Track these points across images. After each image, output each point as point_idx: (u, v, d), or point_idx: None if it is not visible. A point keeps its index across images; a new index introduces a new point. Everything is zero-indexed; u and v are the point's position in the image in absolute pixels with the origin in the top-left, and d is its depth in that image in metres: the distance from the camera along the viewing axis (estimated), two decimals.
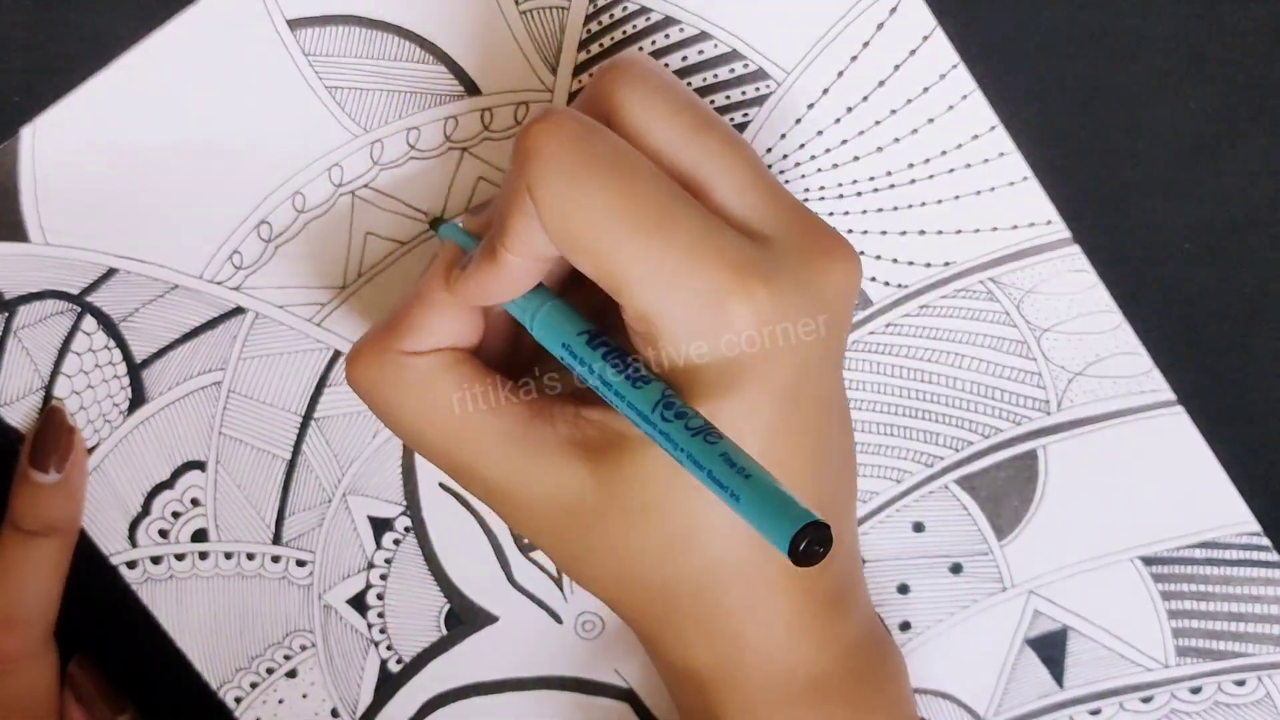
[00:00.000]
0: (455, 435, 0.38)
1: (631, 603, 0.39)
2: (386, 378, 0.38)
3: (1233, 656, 0.46)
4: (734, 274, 0.34)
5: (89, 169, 0.43)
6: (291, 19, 0.43)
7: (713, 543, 0.37)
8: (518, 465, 0.38)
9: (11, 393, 0.45)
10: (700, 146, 0.36)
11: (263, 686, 0.47)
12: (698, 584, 0.37)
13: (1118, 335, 0.44)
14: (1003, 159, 0.43)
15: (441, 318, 0.38)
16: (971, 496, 0.46)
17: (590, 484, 0.37)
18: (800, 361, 0.36)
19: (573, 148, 0.34)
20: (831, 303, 0.37)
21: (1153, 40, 0.44)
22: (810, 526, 0.30)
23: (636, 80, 0.36)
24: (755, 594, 0.38)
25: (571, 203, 0.34)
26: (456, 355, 0.39)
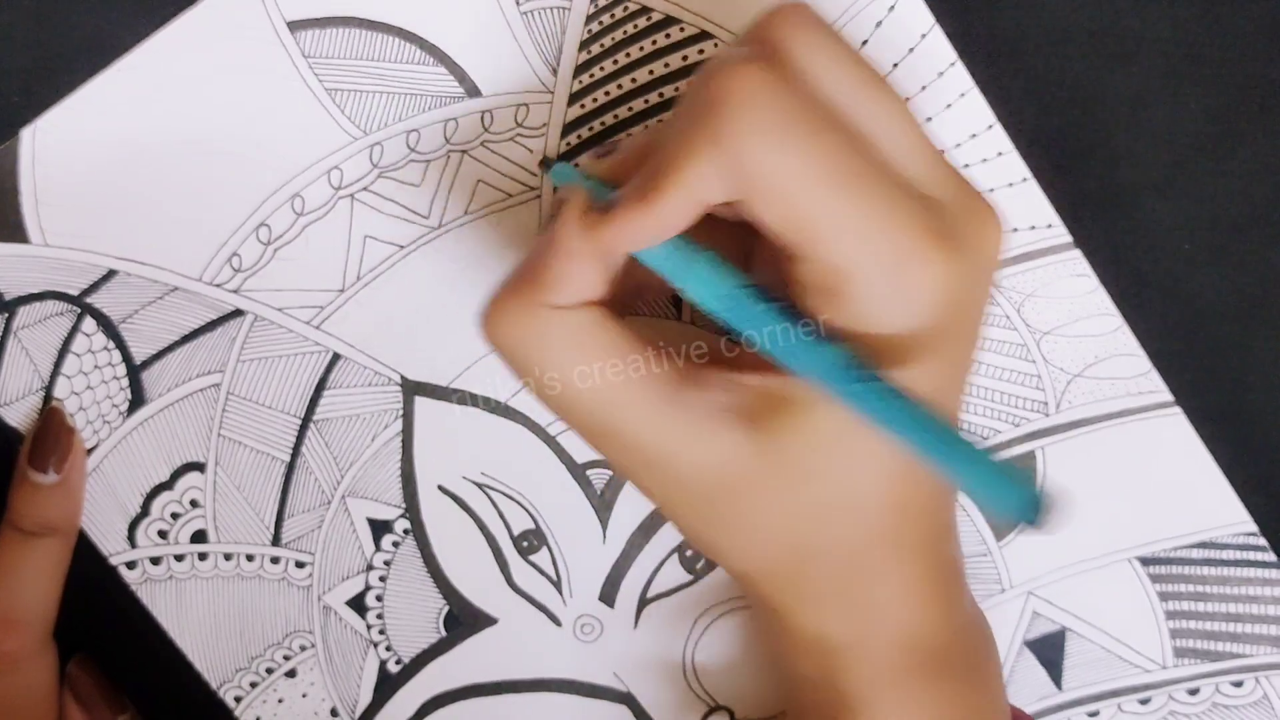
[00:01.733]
0: (605, 397, 0.36)
1: (773, 571, 0.38)
2: (533, 333, 0.36)
3: (1230, 658, 0.46)
4: (932, 237, 0.34)
5: (89, 170, 0.43)
6: (291, 20, 0.43)
7: (868, 508, 0.36)
8: (670, 432, 0.36)
9: (11, 393, 0.45)
10: (872, 101, 0.35)
11: (262, 686, 0.47)
12: (848, 548, 0.37)
13: (1117, 338, 0.44)
14: (1001, 159, 0.44)
15: (583, 266, 0.36)
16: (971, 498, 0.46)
17: (747, 450, 0.36)
18: (970, 320, 0.36)
19: (771, 96, 0.33)
20: (990, 263, 0.37)
21: (1152, 40, 0.44)
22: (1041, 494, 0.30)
23: (809, 27, 0.35)
24: (897, 560, 0.37)
25: (771, 152, 0.33)
26: (603, 312, 0.37)
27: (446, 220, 0.44)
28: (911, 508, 0.37)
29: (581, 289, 0.36)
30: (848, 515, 0.37)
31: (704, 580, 0.46)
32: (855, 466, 0.36)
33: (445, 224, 0.44)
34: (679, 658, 0.47)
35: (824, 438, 0.36)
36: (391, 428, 0.46)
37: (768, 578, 0.38)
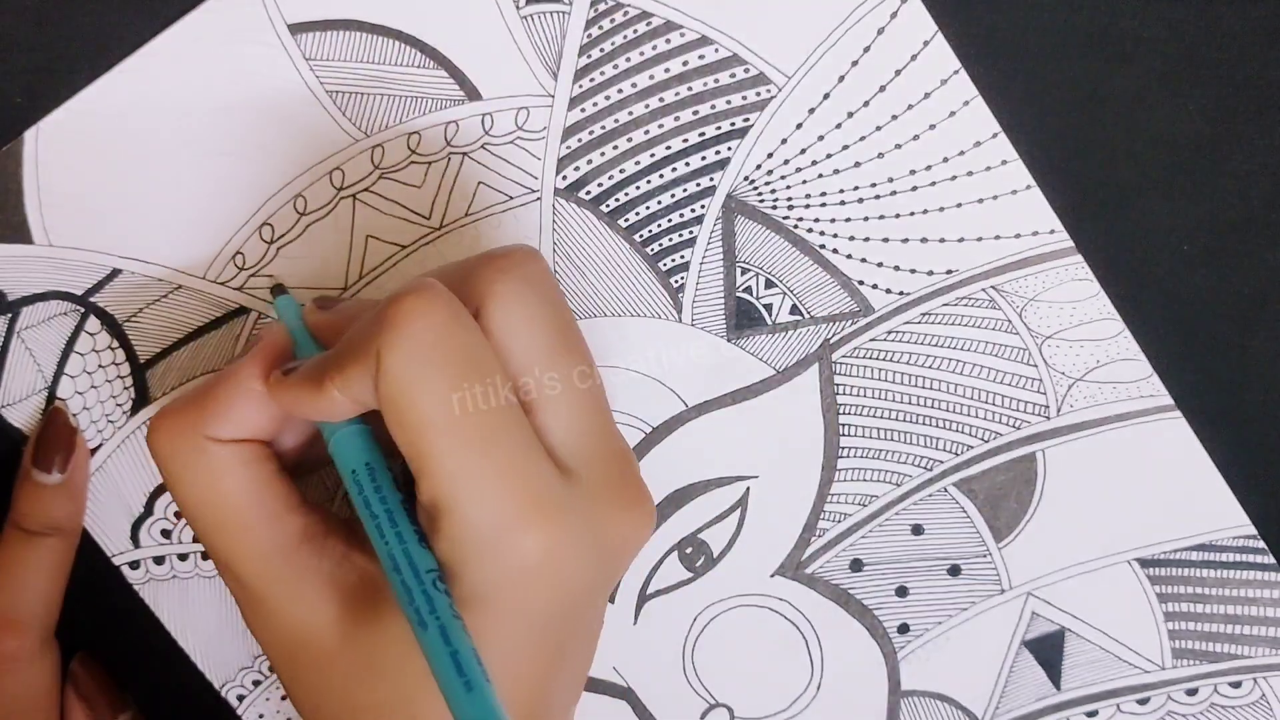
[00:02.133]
0: (229, 531, 0.38)
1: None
2: (181, 456, 0.38)
3: (1229, 659, 0.46)
4: (535, 506, 0.35)
5: (93, 171, 0.44)
6: (293, 23, 0.43)
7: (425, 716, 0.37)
8: (275, 583, 0.38)
9: (15, 393, 0.45)
10: (553, 367, 0.37)
11: (265, 684, 0.47)
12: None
13: (1118, 342, 0.44)
14: (1005, 167, 0.43)
15: (248, 409, 0.38)
16: (970, 499, 0.46)
17: (334, 629, 0.37)
18: (564, 599, 0.36)
19: (432, 335, 0.35)
20: (614, 549, 0.38)
21: (1151, 42, 0.44)
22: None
23: (517, 281, 0.37)
24: None
25: (410, 384, 0.34)
26: (255, 451, 0.38)
27: (447, 221, 0.44)
28: None
29: (241, 429, 0.38)
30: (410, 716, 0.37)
31: (703, 578, 0.47)
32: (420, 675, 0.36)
33: (446, 225, 0.44)
34: (678, 654, 0.47)
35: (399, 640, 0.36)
36: None
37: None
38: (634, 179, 0.44)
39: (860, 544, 0.46)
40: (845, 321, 0.45)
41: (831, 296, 0.45)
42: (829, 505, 0.46)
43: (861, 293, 0.45)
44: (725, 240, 0.44)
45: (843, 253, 0.44)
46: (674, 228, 0.44)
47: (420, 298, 0.35)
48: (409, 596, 0.34)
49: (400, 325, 0.35)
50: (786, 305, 0.45)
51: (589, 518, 0.37)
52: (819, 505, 0.46)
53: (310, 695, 0.39)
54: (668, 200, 0.44)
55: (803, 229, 0.44)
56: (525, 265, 0.38)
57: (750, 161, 0.44)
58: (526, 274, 0.37)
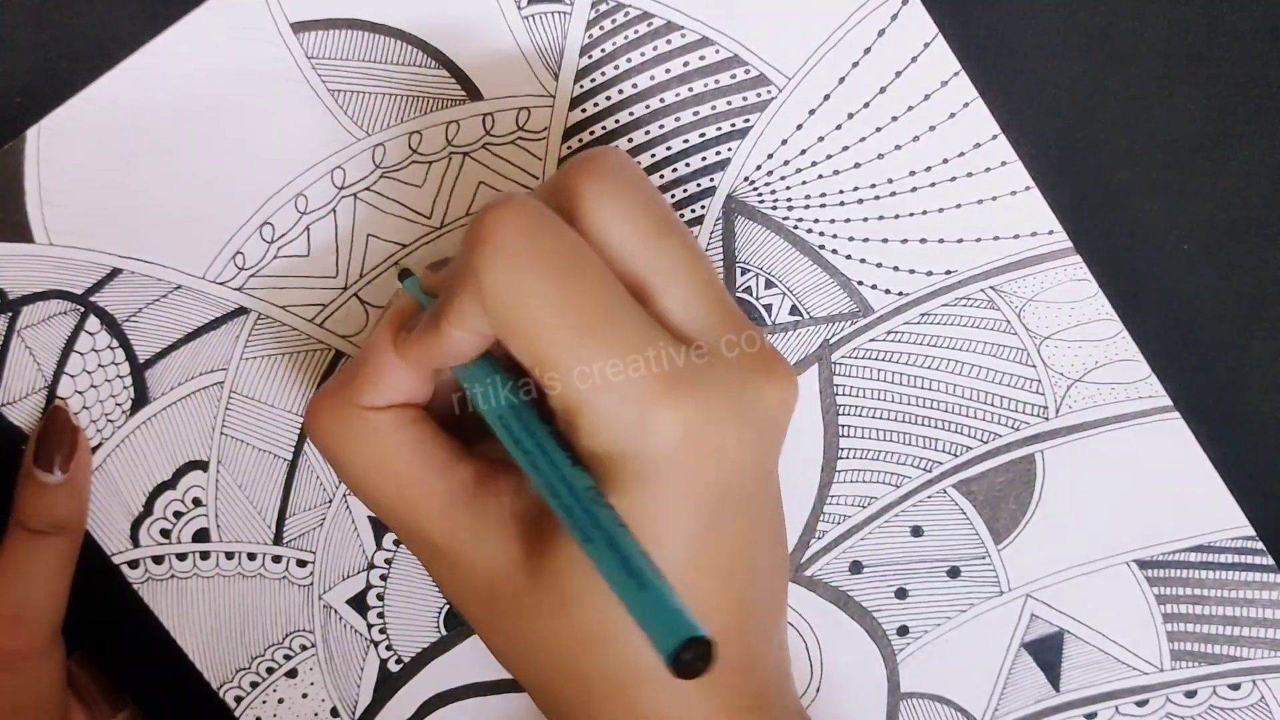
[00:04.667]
0: (402, 495, 0.38)
1: (552, 692, 0.39)
2: (342, 431, 0.39)
3: (1227, 660, 0.46)
4: (664, 383, 0.35)
5: (93, 170, 0.44)
6: (295, 22, 0.43)
7: (631, 641, 0.36)
8: (458, 531, 0.38)
9: (15, 392, 0.45)
10: (656, 251, 0.37)
11: (263, 686, 0.47)
12: (614, 681, 0.37)
13: (1117, 343, 0.45)
14: (1004, 168, 0.44)
15: (393, 374, 0.38)
16: (969, 501, 0.46)
17: (521, 564, 0.37)
18: (726, 473, 0.36)
19: (523, 238, 0.35)
20: (763, 421, 0.37)
21: (1151, 42, 0.44)
22: (694, 641, 0.30)
23: (603, 177, 0.37)
24: (670, 696, 0.37)
25: (512, 292, 0.35)
26: (412, 413, 0.39)
27: (448, 221, 0.44)
28: None
29: (392, 394, 0.39)
30: (611, 648, 0.37)
31: None
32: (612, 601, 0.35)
33: (447, 224, 0.44)
34: None
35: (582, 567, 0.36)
36: None
37: (548, 698, 0.39)
38: None
39: (860, 546, 0.46)
40: (845, 322, 0.45)
41: (831, 297, 0.45)
42: (828, 507, 0.46)
43: (861, 293, 0.45)
44: (725, 240, 0.44)
45: (842, 253, 0.44)
46: None
47: (501, 208, 0.35)
48: (570, 517, 0.34)
49: (487, 240, 0.35)
50: (786, 306, 0.45)
51: (733, 390, 0.36)
52: (818, 507, 0.46)
53: (514, 641, 0.38)
54: (668, 200, 0.44)
55: (802, 230, 0.44)
56: (607, 161, 0.37)
57: (750, 162, 0.44)
58: (610, 168, 0.37)
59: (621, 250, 0.36)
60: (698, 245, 0.38)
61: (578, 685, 0.38)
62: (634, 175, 0.38)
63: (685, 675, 0.30)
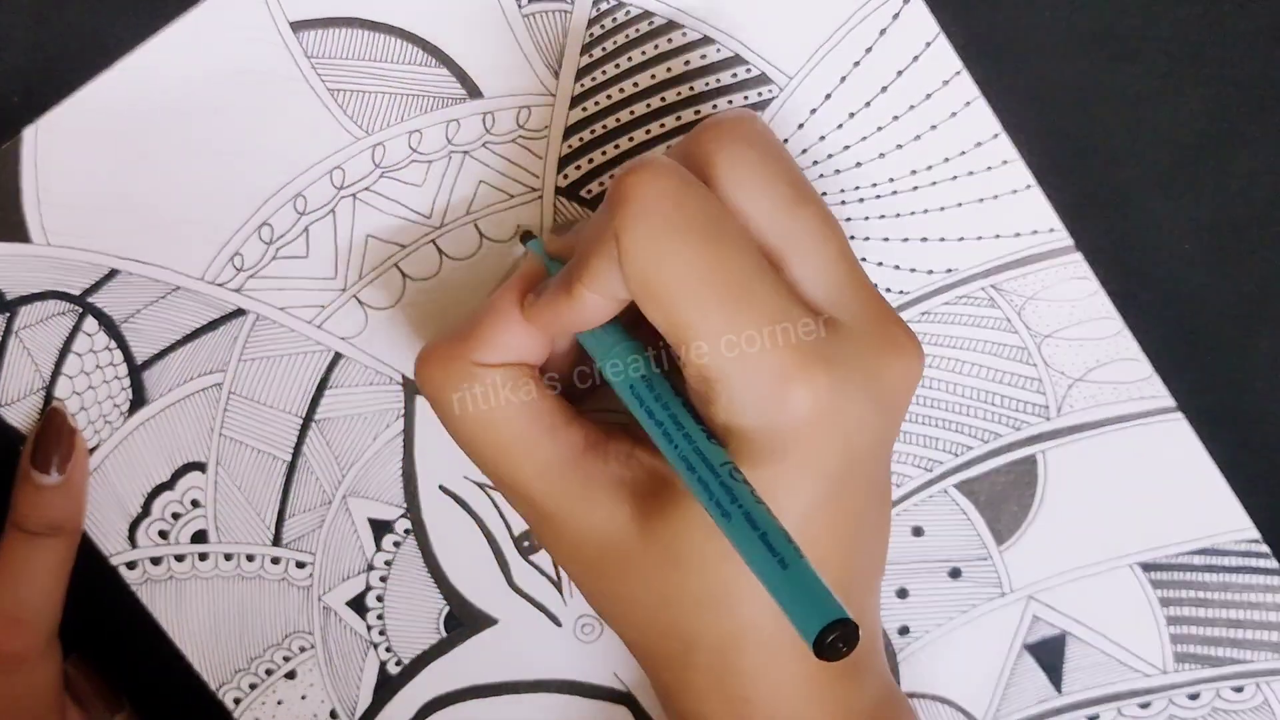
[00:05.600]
0: (511, 452, 0.38)
1: (653, 650, 0.39)
2: (453, 383, 0.38)
3: (1231, 663, 0.46)
4: (800, 357, 0.35)
5: (91, 170, 0.43)
6: (294, 21, 0.43)
7: (740, 605, 0.37)
8: (565, 495, 0.38)
9: (12, 393, 0.45)
10: (792, 220, 0.36)
11: (262, 688, 0.47)
12: (720, 642, 0.37)
13: (1118, 341, 0.44)
14: (1005, 166, 0.43)
15: (513, 334, 0.38)
16: (971, 501, 0.46)
17: (631, 528, 0.37)
18: (851, 449, 0.36)
19: (667, 203, 0.34)
20: (890, 396, 0.37)
21: (1152, 40, 0.44)
22: (839, 623, 0.30)
23: (739, 142, 0.36)
24: (773, 659, 0.38)
25: (655, 257, 0.34)
26: (524, 372, 0.39)
27: (448, 220, 0.44)
28: None
29: (508, 353, 0.38)
30: (718, 610, 0.37)
31: None
32: (725, 564, 0.36)
33: (447, 224, 0.44)
34: None
35: (698, 531, 0.36)
36: (393, 427, 0.46)
37: (648, 655, 0.40)
38: None
39: None
40: None
41: None
42: None
43: None
44: None
45: None
46: None
47: (644, 171, 0.35)
48: (708, 492, 0.34)
49: (630, 202, 0.34)
50: None
51: (861, 366, 0.36)
52: None
53: (619, 601, 0.39)
54: None
55: None
56: (743, 127, 0.37)
57: None
58: (746, 134, 0.37)
59: (756, 217, 0.36)
60: (833, 216, 0.37)
61: (683, 644, 0.38)
62: (770, 141, 0.37)
63: (829, 657, 0.30)
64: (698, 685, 0.38)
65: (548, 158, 0.44)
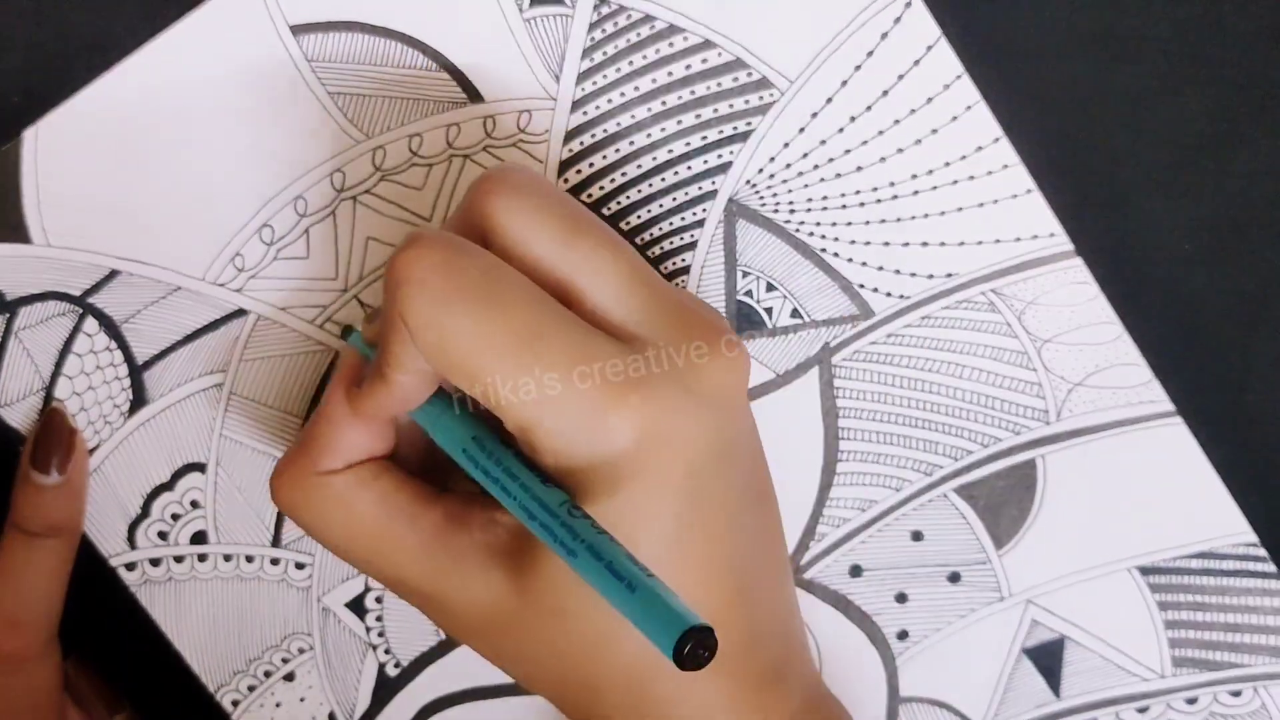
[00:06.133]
0: (377, 551, 0.39)
1: (565, 700, 0.39)
2: (307, 500, 0.39)
3: (1229, 667, 0.46)
4: (608, 388, 0.35)
5: (92, 171, 0.43)
6: (295, 24, 0.43)
7: (631, 640, 0.37)
8: (439, 575, 0.38)
9: (12, 393, 0.45)
10: (574, 253, 0.37)
11: (260, 690, 0.47)
12: (626, 679, 0.38)
13: (1118, 346, 0.44)
14: (1006, 171, 0.43)
15: (350, 433, 0.39)
16: (970, 505, 0.46)
17: (508, 590, 0.38)
18: (691, 460, 0.36)
19: (439, 273, 0.35)
20: (716, 397, 0.37)
21: (1152, 40, 0.44)
22: (692, 631, 0.30)
23: (508, 192, 0.37)
24: (680, 685, 0.38)
25: (441, 328, 0.35)
26: (373, 468, 0.39)
27: None
28: None
29: (355, 451, 0.39)
30: (614, 649, 0.37)
31: None
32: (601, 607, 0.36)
33: None
34: None
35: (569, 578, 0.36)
36: None
37: (563, 705, 0.40)
38: (636, 182, 0.44)
39: (859, 549, 0.46)
40: (845, 325, 0.45)
41: (832, 300, 0.45)
42: (828, 509, 0.46)
43: (862, 296, 0.45)
44: (726, 244, 0.44)
45: (843, 256, 0.44)
46: (675, 231, 0.44)
47: (412, 246, 0.35)
48: (551, 535, 0.34)
49: (405, 282, 0.35)
50: (787, 309, 0.45)
51: (676, 376, 0.36)
52: (818, 509, 0.46)
53: (519, 662, 0.39)
54: (669, 204, 0.44)
55: (804, 233, 0.44)
56: (509, 177, 0.37)
57: (752, 165, 0.44)
58: (513, 182, 0.37)
59: (541, 259, 0.37)
60: (617, 237, 0.38)
61: (589, 690, 0.38)
62: (539, 183, 0.38)
63: (691, 666, 0.30)
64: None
65: (548, 162, 0.44)
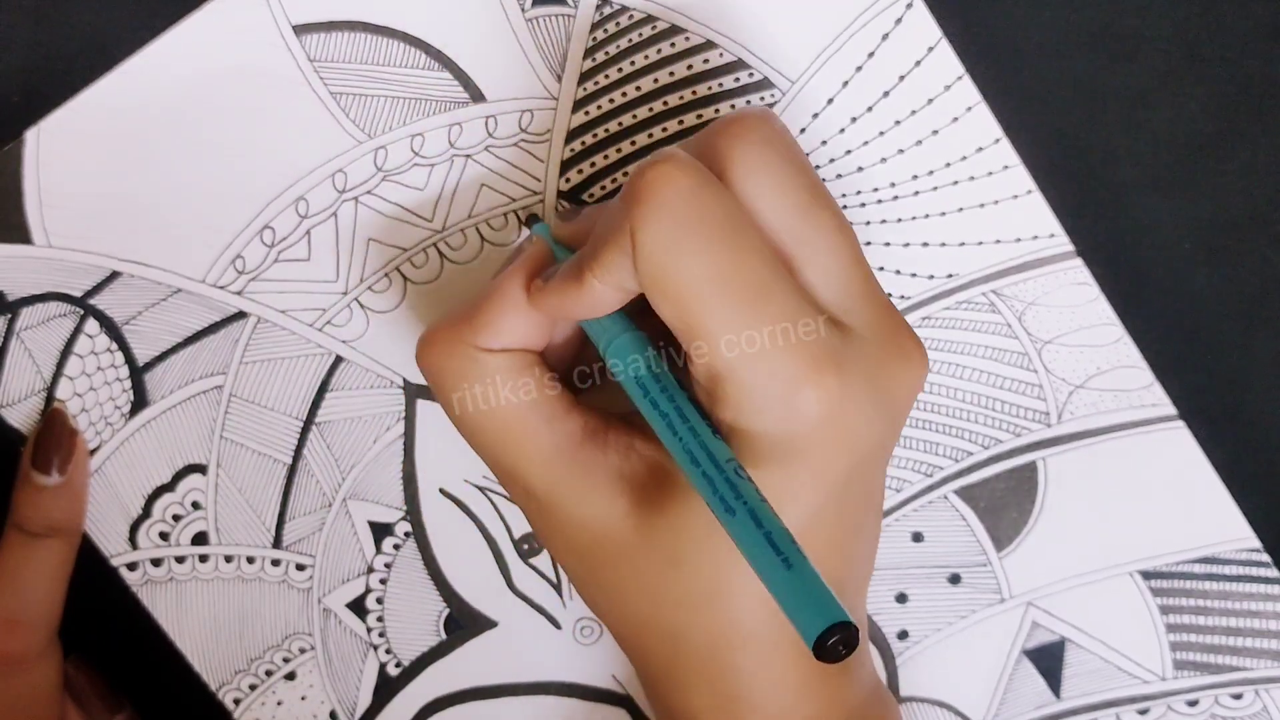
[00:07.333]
0: (509, 439, 0.38)
1: (643, 644, 0.39)
2: (455, 367, 0.38)
3: (1230, 670, 0.46)
4: (811, 360, 0.35)
5: (93, 172, 0.43)
6: (297, 24, 0.43)
7: (734, 604, 0.37)
8: (562, 484, 0.38)
9: (14, 394, 0.45)
10: (806, 224, 0.36)
11: (261, 689, 0.47)
12: (713, 639, 0.37)
13: (1119, 348, 0.44)
14: (1006, 171, 0.43)
15: (516, 319, 0.38)
16: (971, 507, 0.46)
17: (628, 521, 0.37)
18: (855, 456, 0.36)
19: (684, 201, 0.34)
20: (895, 404, 0.37)
21: (1152, 40, 0.44)
22: (840, 625, 0.30)
23: (757, 143, 0.36)
24: (766, 658, 0.38)
25: (670, 256, 0.34)
26: (526, 359, 0.38)
27: (450, 224, 0.44)
28: None
29: (511, 338, 0.38)
30: (712, 607, 0.37)
31: None
32: (723, 561, 0.36)
33: (448, 227, 0.44)
34: None
35: (696, 527, 0.36)
36: (393, 430, 0.46)
37: (637, 650, 0.40)
38: None
39: None
40: None
41: None
42: None
43: None
44: None
45: None
46: None
47: (664, 166, 0.34)
48: (712, 487, 0.34)
49: (648, 198, 0.34)
50: None
51: (869, 373, 0.36)
52: None
53: (612, 595, 0.39)
54: None
55: None
56: (761, 127, 0.37)
57: None
58: (764, 133, 0.37)
59: (771, 218, 0.36)
60: (845, 219, 0.37)
61: (673, 641, 0.38)
62: (787, 142, 0.37)
63: (829, 659, 0.30)
64: (687, 681, 0.38)
65: (550, 161, 0.44)
